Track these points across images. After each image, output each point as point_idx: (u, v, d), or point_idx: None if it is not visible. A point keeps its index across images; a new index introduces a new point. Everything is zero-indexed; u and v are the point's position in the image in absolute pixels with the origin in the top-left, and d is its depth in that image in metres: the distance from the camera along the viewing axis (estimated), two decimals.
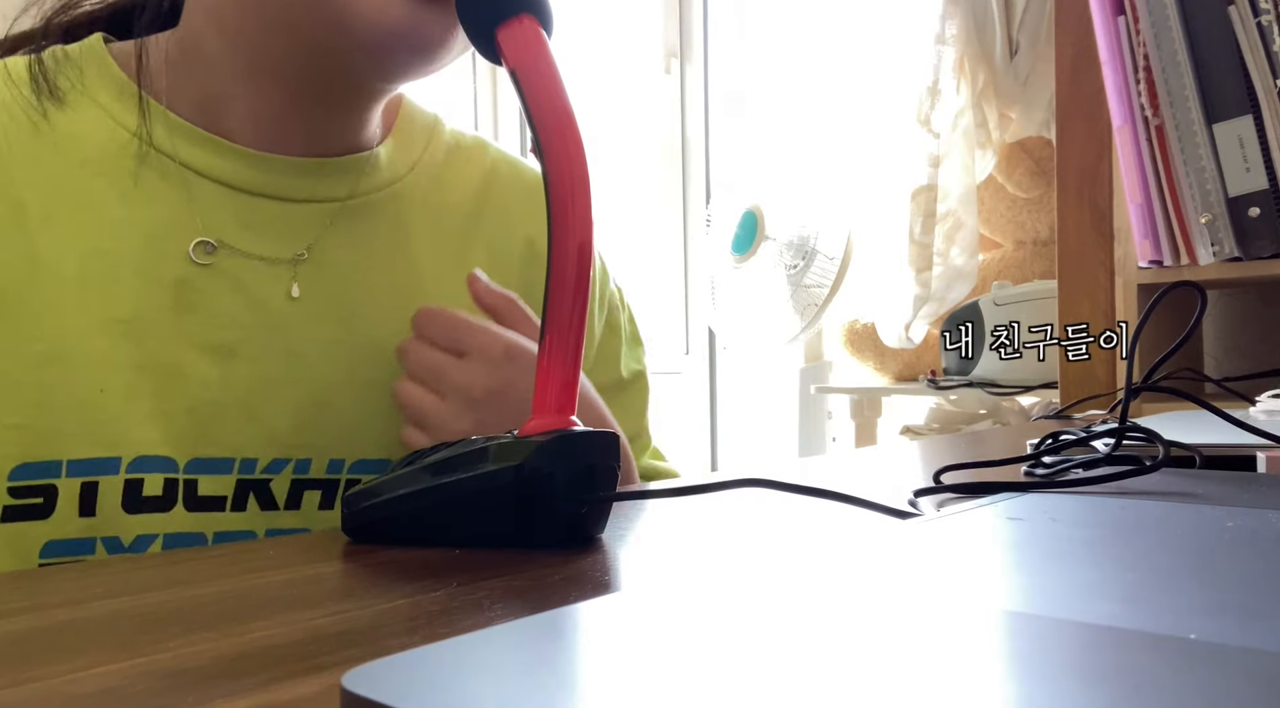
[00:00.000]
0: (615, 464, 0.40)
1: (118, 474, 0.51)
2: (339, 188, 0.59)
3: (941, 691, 0.17)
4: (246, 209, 0.56)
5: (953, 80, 1.71)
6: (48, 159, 0.54)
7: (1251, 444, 0.53)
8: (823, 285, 1.80)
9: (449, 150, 0.66)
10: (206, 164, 0.56)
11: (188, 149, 0.56)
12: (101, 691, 0.22)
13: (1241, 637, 0.20)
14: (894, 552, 0.30)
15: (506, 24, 0.43)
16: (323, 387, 0.57)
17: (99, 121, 0.55)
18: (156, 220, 0.54)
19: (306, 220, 0.58)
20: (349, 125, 0.59)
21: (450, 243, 0.64)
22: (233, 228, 0.56)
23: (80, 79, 0.56)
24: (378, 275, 0.60)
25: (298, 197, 0.58)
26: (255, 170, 0.57)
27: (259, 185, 0.57)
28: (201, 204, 0.55)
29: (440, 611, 0.29)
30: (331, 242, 0.59)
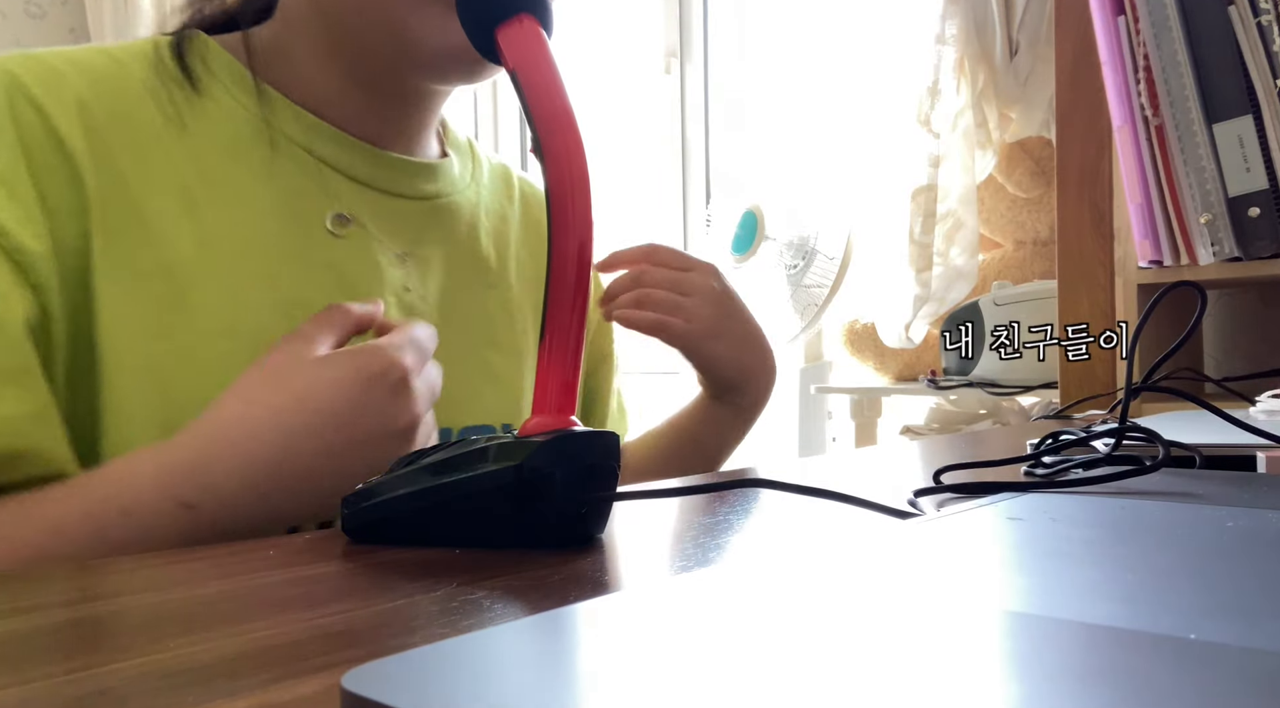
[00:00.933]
0: (615, 464, 0.40)
1: None
2: (429, 187, 0.66)
3: (941, 691, 0.17)
4: (365, 199, 0.61)
5: (953, 80, 1.71)
6: (199, 145, 0.57)
7: (1251, 444, 0.53)
8: (823, 285, 1.80)
9: (488, 168, 0.75)
10: (333, 155, 0.60)
11: (317, 141, 0.60)
12: (101, 691, 0.22)
13: (1241, 637, 0.20)
14: (894, 552, 0.30)
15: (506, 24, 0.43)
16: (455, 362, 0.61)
17: (233, 109, 0.58)
18: (295, 202, 0.58)
19: (408, 214, 0.64)
20: (419, 127, 0.65)
21: (507, 247, 0.72)
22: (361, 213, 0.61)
23: (205, 68, 0.59)
24: (463, 268, 0.67)
25: (405, 193, 0.64)
26: (373, 164, 0.62)
27: (375, 179, 0.62)
28: (331, 193, 0.60)
29: (440, 611, 0.29)
30: (427, 237, 0.65)
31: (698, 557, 0.36)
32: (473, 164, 0.72)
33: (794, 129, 2.07)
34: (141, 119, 0.56)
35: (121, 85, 0.56)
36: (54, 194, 0.52)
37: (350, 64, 0.59)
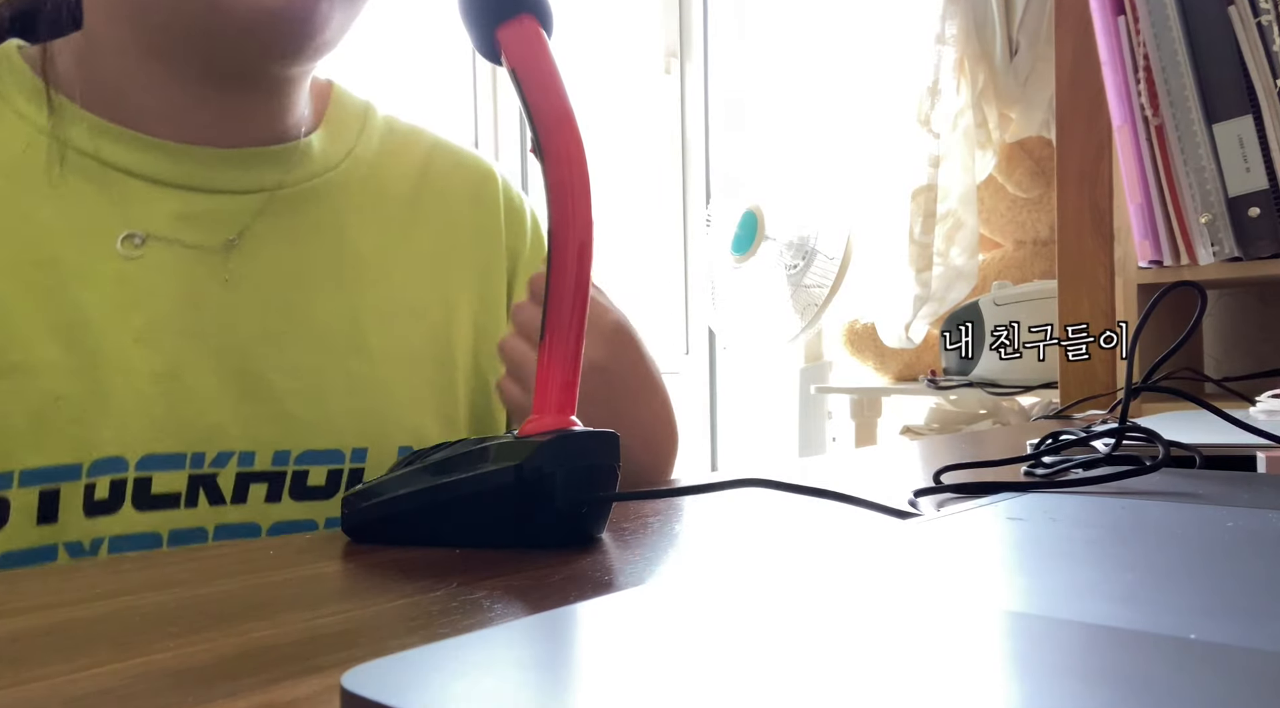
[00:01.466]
0: (615, 464, 0.40)
1: (78, 480, 0.51)
2: (267, 178, 0.59)
3: (942, 691, 0.17)
4: (174, 202, 0.56)
5: (953, 80, 1.71)
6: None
7: (1251, 444, 0.53)
8: (823, 285, 1.80)
9: (383, 137, 0.66)
10: (130, 161, 0.55)
11: (110, 147, 0.55)
12: (101, 691, 0.22)
13: (1241, 637, 0.20)
14: (894, 552, 0.30)
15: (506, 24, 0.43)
16: (266, 376, 0.56)
17: (14, 127, 0.55)
18: (83, 220, 0.54)
19: (235, 211, 0.57)
20: (266, 113, 0.59)
21: (392, 230, 0.63)
22: (162, 221, 0.55)
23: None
24: (316, 264, 0.59)
25: (225, 188, 0.57)
26: (179, 163, 0.56)
27: (184, 178, 0.56)
28: (126, 200, 0.55)
29: (440, 611, 0.29)
30: (263, 231, 0.58)
31: (698, 557, 0.36)
32: (357, 138, 0.64)
33: (794, 129, 2.07)
34: None
35: None
36: None
37: (166, 57, 0.55)
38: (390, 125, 0.67)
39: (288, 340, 0.57)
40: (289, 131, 0.60)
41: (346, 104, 0.65)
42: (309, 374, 0.57)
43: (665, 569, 0.35)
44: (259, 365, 0.56)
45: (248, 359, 0.56)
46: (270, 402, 0.56)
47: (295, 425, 0.56)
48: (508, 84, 0.43)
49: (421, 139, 0.68)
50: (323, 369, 0.58)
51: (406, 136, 0.67)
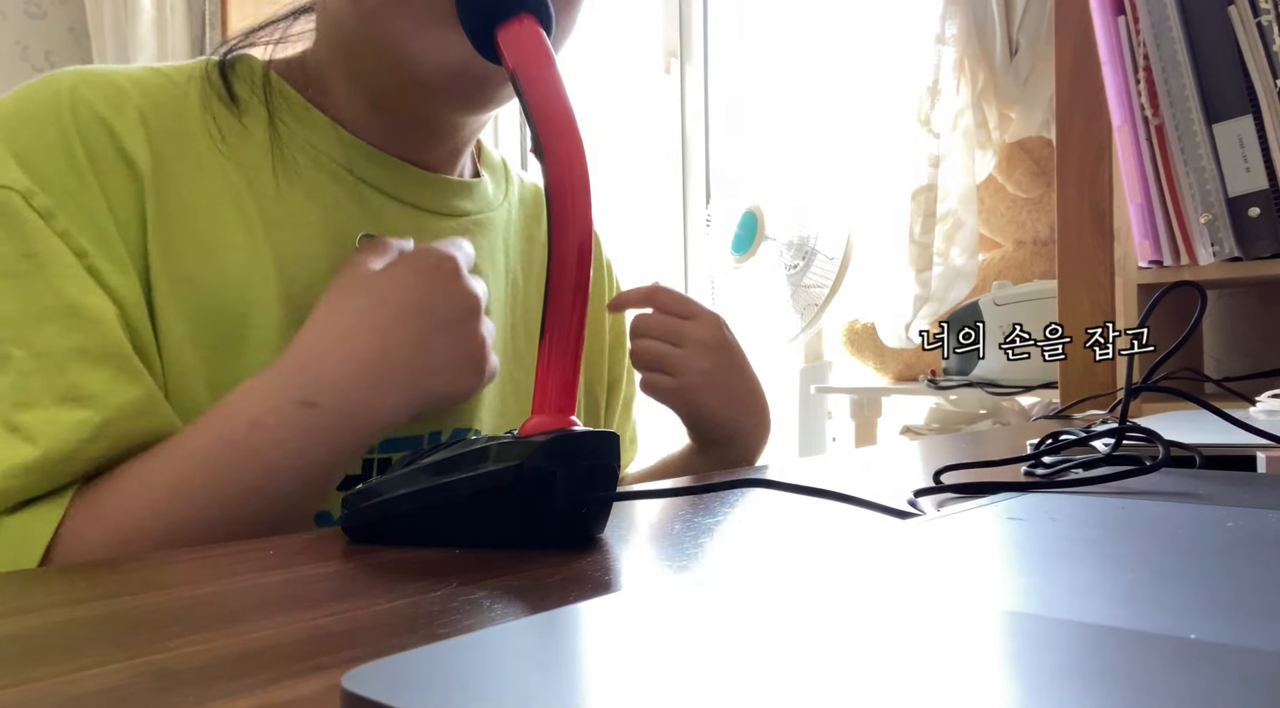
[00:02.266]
0: (615, 464, 0.40)
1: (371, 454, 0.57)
2: (461, 205, 0.66)
3: (942, 691, 0.17)
4: (410, 217, 0.62)
5: (953, 80, 1.71)
6: (247, 164, 0.57)
7: (1251, 444, 0.53)
8: (823, 285, 1.80)
9: (520, 188, 0.75)
10: (372, 174, 0.61)
11: (359, 162, 0.61)
12: (101, 691, 0.22)
13: (1241, 637, 0.20)
14: (894, 552, 0.30)
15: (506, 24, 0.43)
16: None
17: (280, 131, 0.59)
18: (338, 223, 0.59)
19: (446, 230, 0.64)
20: (448, 157, 0.65)
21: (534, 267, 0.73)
22: (398, 233, 0.61)
23: (252, 91, 0.60)
24: (491, 284, 0.67)
25: (444, 211, 0.65)
26: (414, 185, 0.63)
27: (416, 198, 0.63)
28: (376, 213, 0.61)
29: (440, 611, 0.29)
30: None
31: (698, 557, 0.36)
32: (506, 184, 0.73)
33: (794, 129, 2.07)
34: (194, 136, 0.57)
35: (175, 104, 0.57)
36: (122, 209, 0.52)
37: (369, 89, 0.60)
38: (521, 180, 0.77)
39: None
40: (463, 167, 0.68)
41: (491, 156, 0.74)
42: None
43: (665, 569, 0.35)
44: None
45: None
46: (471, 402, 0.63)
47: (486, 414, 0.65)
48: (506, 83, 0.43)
49: (539, 190, 0.77)
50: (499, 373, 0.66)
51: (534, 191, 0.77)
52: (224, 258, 0.55)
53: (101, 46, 2.92)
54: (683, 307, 0.71)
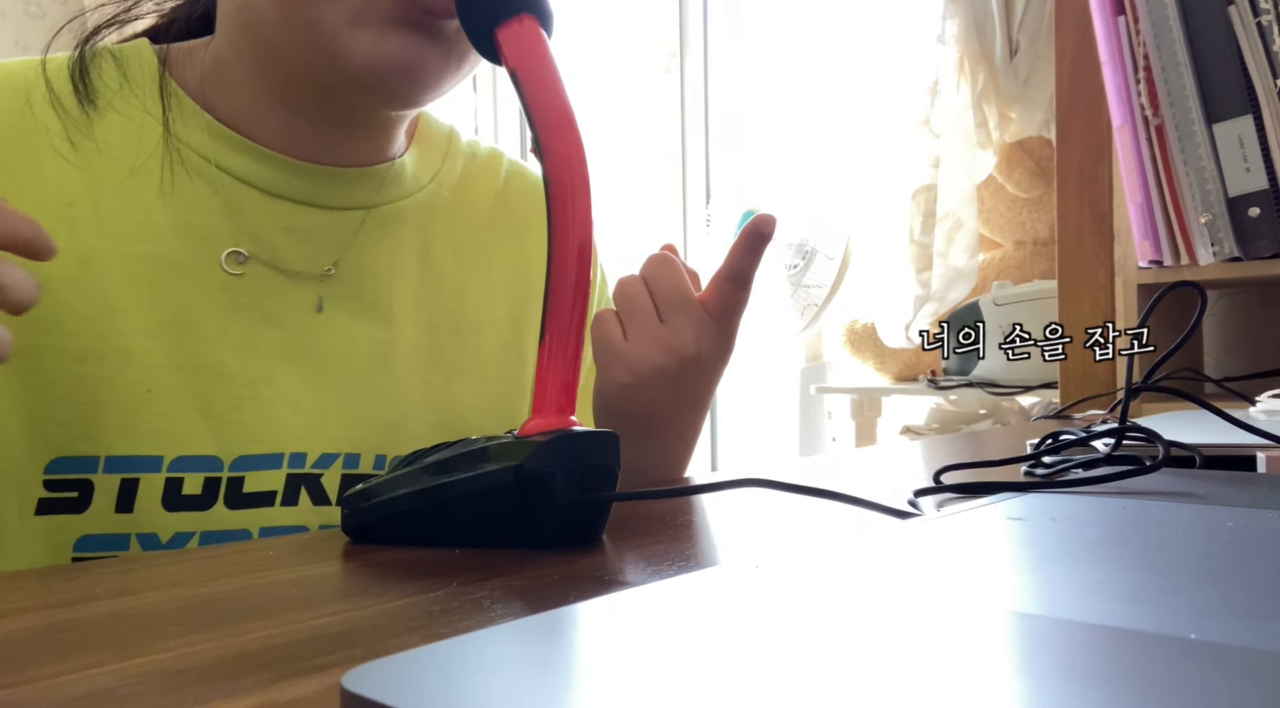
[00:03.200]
0: (615, 464, 0.40)
1: (159, 472, 0.53)
2: (367, 195, 0.61)
3: (942, 691, 0.17)
4: (284, 215, 0.58)
5: (953, 80, 1.71)
6: (93, 161, 0.55)
7: (1251, 444, 0.53)
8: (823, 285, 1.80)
9: (466, 161, 0.69)
10: (245, 170, 0.57)
11: (227, 154, 0.57)
12: (101, 691, 0.22)
13: (1241, 637, 0.20)
14: (894, 552, 0.30)
15: (506, 24, 0.43)
16: (365, 384, 0.59)
17: (144, 125, 0.56)
18: (196, 224, 0.56)
19: (340, 226, 0.60)
20: (372, 142, 0.61)
21: (471, 250, 0.66)
22: (271, 233, 0.58)
23: (125, 81, 0.57)
24: (406, 279, 0.62)
25: (330, 204, 0.59)
26: (291, 177, 0.58)
27: (294, 192, 0.58)
28: (239, 209, 0.57)
29: (440, 611, 0.29)
30: (362, 246, 0.60)
31: (698, 557, 0.36)
32: (442, 161, 0.66)
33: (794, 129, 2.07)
34: (19, 139, 0.54)
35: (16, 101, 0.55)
36: None
37: (282, 85, 0.56)
38: (473, 150, 0.70)
39: (387, 349, 0.60)
40: (386, 154, 0.63)
41: (433, 128, 0.68)
42: (404, 383, 0.60)
43: (665, 569, 0.35)
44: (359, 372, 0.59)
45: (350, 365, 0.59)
46: (370, 407, 0.59)
47: (392, 431, 0.59)
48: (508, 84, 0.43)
49: (499, 163, 0.71)
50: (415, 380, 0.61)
51: (486, 160, 0.70)
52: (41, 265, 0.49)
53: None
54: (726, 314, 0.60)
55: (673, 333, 0.57)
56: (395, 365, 0.61)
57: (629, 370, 0.57)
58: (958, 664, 0.19)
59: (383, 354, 0.60)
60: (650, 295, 0.58)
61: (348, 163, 0.60)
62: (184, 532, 0.53)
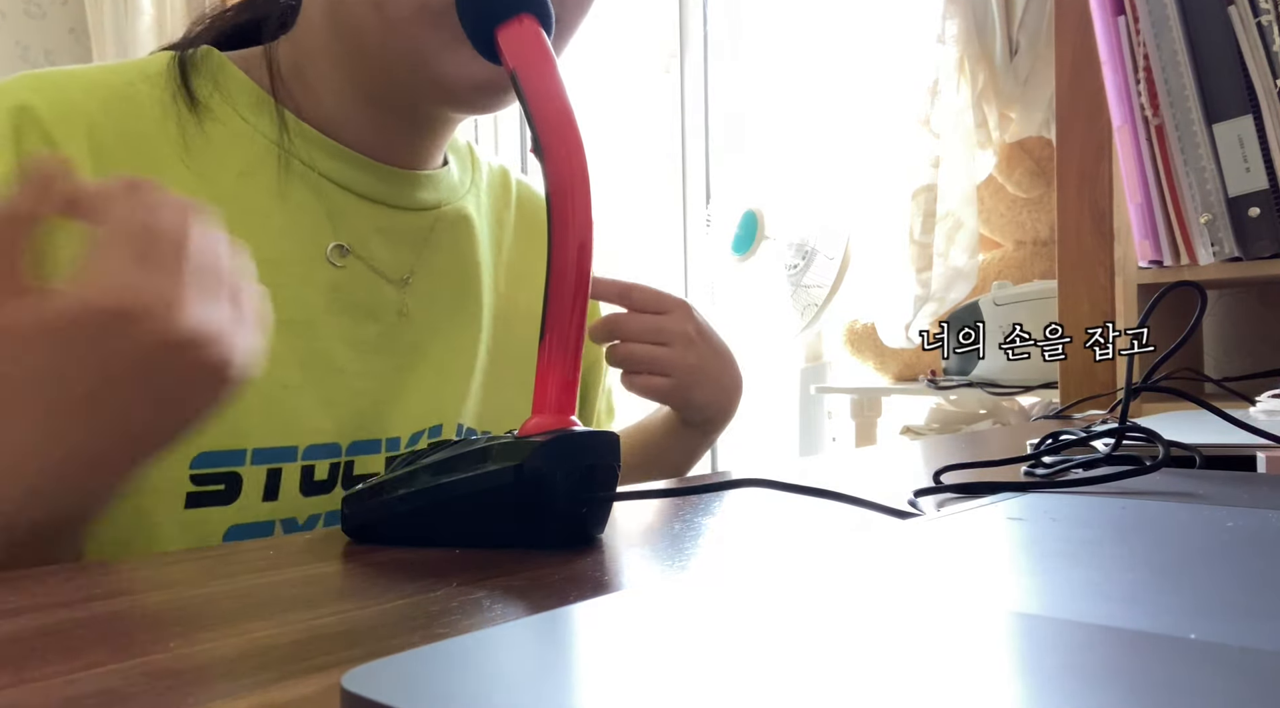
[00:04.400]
0: (615, 464, 0.40)
1: (295, 461, 0.57)
2: (434, 197, 0.66)
3: (941, 690, 0.17)
4: (375, 216, 0.62)
5: (953, 80, 1.71)
6: (210, 167, 0.57)
7: (1251, 444, 0.53)
8: (823, 285, 1.80)
9: (487, 171, 0.74)
10: (341, 175, 0.61)
11: (325, 160, 0.60)
12: (101, 691, 0.22)
13: (1241, 637, 0.20)
14: (894, 552, 0.30)
15: (506, 24, 0.43)
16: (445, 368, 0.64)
17: (244, 131, 0.59)
18: (302, 227, 0.59)
19: (417, 226, 0.64)
20: (433, 149, 0.66)
21: (504, 251, 0.72)
22: (366, 233, 0.61)
23: (216, 88, 0.59)
24: (463, 276, 0.68)
25: (410, 205, 0.64)
26: (379, 180, 0.62)
27: (382, 194, 0.62)
28: (339, 211, 0.60)
29: (440, 611, 0.29)
30: (436, 247, 0.65)
31: (698, 557, 0.36)
32: (472, 169, 0.72)
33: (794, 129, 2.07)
34: (151, 141, 0.56)
35: (132, 106, 0.56)
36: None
37: (367, 88, 0.59)
38: (488, 162, 0.75)
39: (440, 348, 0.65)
40: (440, 159, 0.68)
41: (455, 141, 0.72)
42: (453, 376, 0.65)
43: (665, 569, 0.35)
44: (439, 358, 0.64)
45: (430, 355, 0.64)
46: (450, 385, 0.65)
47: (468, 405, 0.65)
48: None
49: (509, 175, 0.77)
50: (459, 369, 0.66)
51: (500, 173, 0.76)
52: None
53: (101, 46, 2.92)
54: (657, 303, 0.71)
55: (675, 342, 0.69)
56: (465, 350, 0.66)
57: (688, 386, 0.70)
58: (958, 664, 0.19)
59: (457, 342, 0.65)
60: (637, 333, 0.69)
61: (417, 166, 0.65)
62: (314, 514, 0.58)
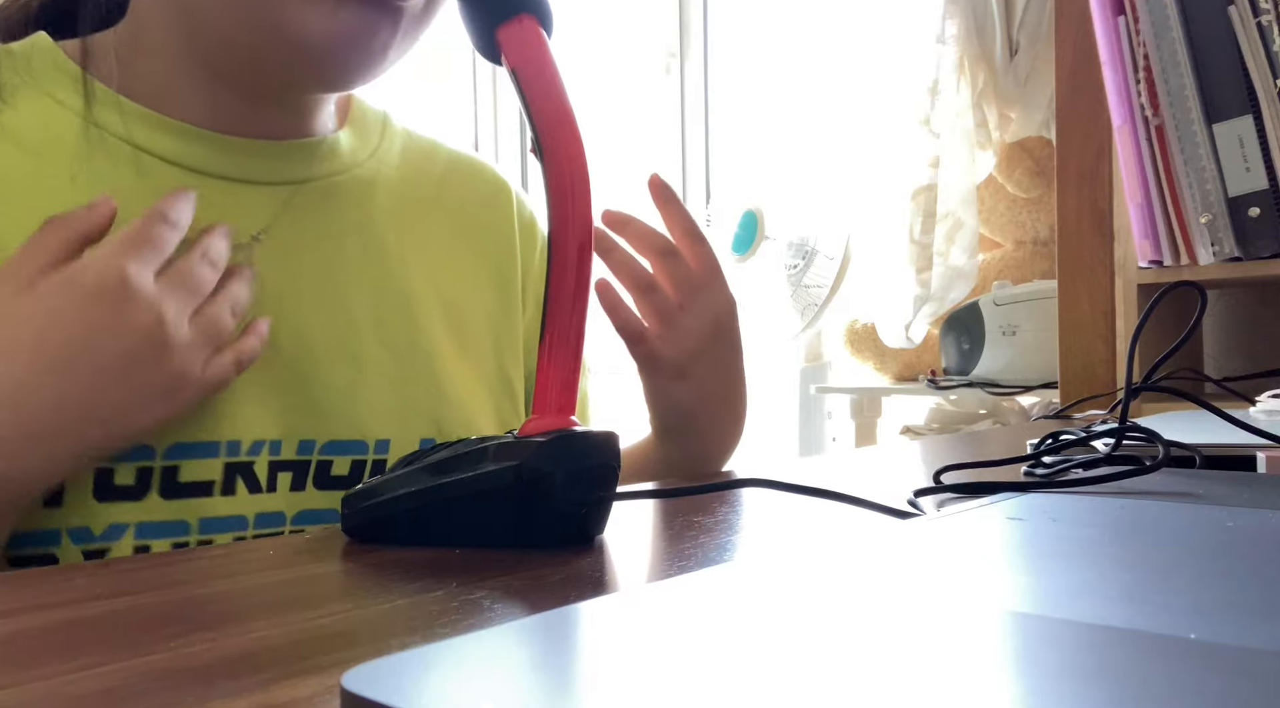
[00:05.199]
0: (615, 464, 0.40)
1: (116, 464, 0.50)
2: (296, 170, 0.59)
3: (941, 690, 0.17)
4: (207, 190, 0.55)
5: (953, 80, 1.71)
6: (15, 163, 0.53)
7: (1251, 444, 0.53)
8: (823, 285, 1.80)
9: (404, 144, 0.68)
10: (161, 146, 0.55)
11: (143, 132, 0.55)
12: (101, 691, 0.22)
13: (1241, 637, 0.20)
14: (894, 552, 0.30)
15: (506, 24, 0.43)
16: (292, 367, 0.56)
17: (50, 111, 0.55)
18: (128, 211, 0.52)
19: (263, 201, 0.58)
20: (301, 117, 0.60)
21: (414, 229, 0.64)
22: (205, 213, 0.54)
23: (29, 72, 0.55)
24: (341, 257, 0.60)
25: (256, 178, 0.58)
26: (211, 151, 0.56)
27: (214, 166, 0.56)
28: (155, 186, 0.54)
29: (440, 611, 0.29)
30: (288, 225, 0.58)
31: (698, 557, 0.36)
32: (380, 140, 0.66)
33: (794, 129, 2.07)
34: None
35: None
36: None
37: (206, 56, 0.55)
38: (409, 135, 0.69)
39: (312, 331, 0.57)
40: (315, 129, 0.61)
41: (366, 110, 0.67)
42: (335, 365, 0.57)
43: (665, 569, 0.35)
44: (285, 356, 0.56)
45: (275, 351, 0.55)
46: (297, 392, 0.56)
47: (321, 416, 0.56)
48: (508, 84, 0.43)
49: (439, 149, 0.70)
50: (347, 360, 0.58)
51: (425, 147, 0.69)
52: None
53: None
54: (711, 274, 0.64)
55: (695, 317, 0.63)
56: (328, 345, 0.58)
57: (676, 370, 0.63)
58: (957, 664, 0.19)
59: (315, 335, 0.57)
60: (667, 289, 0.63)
61: (275, 136, 0.59)
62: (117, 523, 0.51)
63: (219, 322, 0.49)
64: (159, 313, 0.46)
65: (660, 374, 0.64)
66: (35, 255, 0.46)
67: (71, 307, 0.44)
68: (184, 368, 0.47)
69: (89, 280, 0.45)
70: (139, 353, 0.45)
